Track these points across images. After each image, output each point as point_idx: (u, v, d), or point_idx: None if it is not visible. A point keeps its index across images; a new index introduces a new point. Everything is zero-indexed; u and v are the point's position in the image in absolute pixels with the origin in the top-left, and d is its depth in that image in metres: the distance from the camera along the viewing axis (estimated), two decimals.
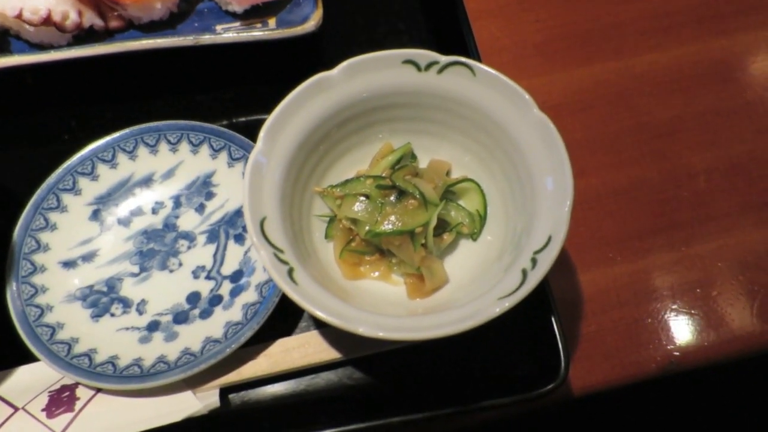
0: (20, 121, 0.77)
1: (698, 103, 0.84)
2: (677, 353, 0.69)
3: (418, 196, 0.61)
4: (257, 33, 0.72)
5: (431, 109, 0.65)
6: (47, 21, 0.71)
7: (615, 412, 0.91)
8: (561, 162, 0.55)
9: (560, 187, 0.55)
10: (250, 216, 0.54)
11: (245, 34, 0.71)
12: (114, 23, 0.77)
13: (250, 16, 0.78)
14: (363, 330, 0.50)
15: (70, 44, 0.75)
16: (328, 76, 0.61)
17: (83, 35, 0.77)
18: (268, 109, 0.76)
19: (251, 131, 0.72)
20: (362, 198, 0.62)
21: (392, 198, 0.62)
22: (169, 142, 0.69)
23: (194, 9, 0.80)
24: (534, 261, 0.53)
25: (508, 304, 0.51)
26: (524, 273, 0.53)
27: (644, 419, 0.94)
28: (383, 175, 0.63)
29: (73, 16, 0.73)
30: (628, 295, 0.73)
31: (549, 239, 0.53)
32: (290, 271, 0.53)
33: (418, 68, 0.62)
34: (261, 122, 0.75)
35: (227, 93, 0.78)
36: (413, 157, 0.67)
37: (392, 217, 0.61)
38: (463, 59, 0.61)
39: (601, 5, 0.91)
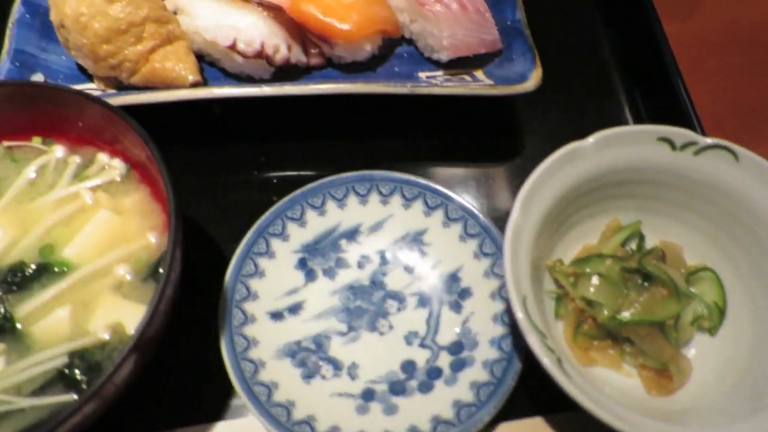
0: (207, 151, 0.73)
1: None
2: None
3: (670, 284, 0.56)
4: (478, 88, 0.68)
5: (674, 189, 0.61)
6: (260, 54, 0.69)
7: None
8: None
9: None
10: (515, 296, 0.51)
11: (463, 89, 0.68)
12: (314, 60, 0.74)
13: (454, 65, 0.75)
14: None
15: (272, 77, 0.73)
16: (582, 147, 0.58)
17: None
18: (462, 161, 0.73)
19: (449, 184, 0.70)
20: (599, 277, 0.58)
21: (637, 283, 0.58)
22: (380, 193, 0.65)
23: (393, 52, 0.77)
24: None
25: None
26: None
27: None
28: (619, 255, 0.60)
29: (283, 50, 0.70)
30: None
31: None
32: (558, 361, 0.49)
33: (673, 147, 0.59)
34: (456, 175, 0.73)
35: (421, 142, 0.75)
36: (641, 236, 0.63)
37: (637, 305, 0.57)
38: (725, 143, 0.58)
39: None
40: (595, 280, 0.58)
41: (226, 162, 0.73)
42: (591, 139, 0.58)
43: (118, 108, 0.55)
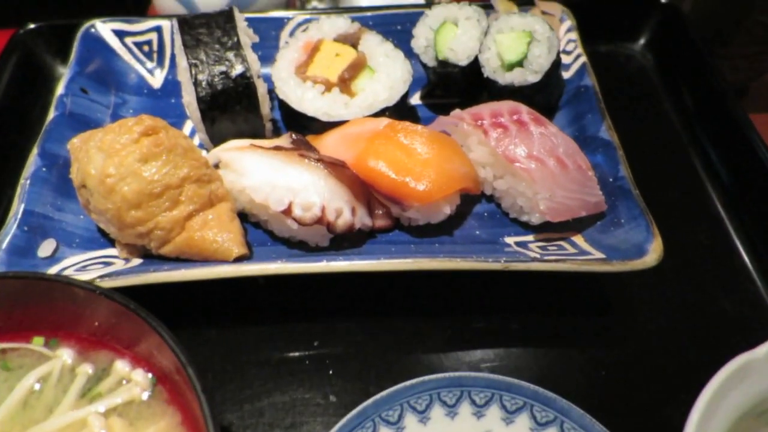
0: (248, 330, 0.59)
1: None
2: None
3: None
4: (588, 264, 0.55)
5: None
6: (320, 220, 0.56)
7: None
8: None
9: None
10: None
11: (570, 265, 0.55)
12: (380, 222, 0.62)
13: (547, 228, 0.62)
14: None
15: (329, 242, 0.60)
16: (753, 359, 0.44)
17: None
18: (565, 347, 0.58)
19: (558, 383, 0.54)
20: None
21: None
22: (474, 403, 0.51)
23: (471, 211, 0.65)
24: None
25: None
26: None
27: None
28: None
29: (346, 215, 0.58)
30: None
31: None
32: None
33: None
34: (563, 368, 0.57)
35: (510, 318, 0.60)
36: None
37: None
38: None
39: None
40: None
41: (270, 345, 0.59)
42: (766, 349, 0.44)
43: (139, 307, 0.42)
